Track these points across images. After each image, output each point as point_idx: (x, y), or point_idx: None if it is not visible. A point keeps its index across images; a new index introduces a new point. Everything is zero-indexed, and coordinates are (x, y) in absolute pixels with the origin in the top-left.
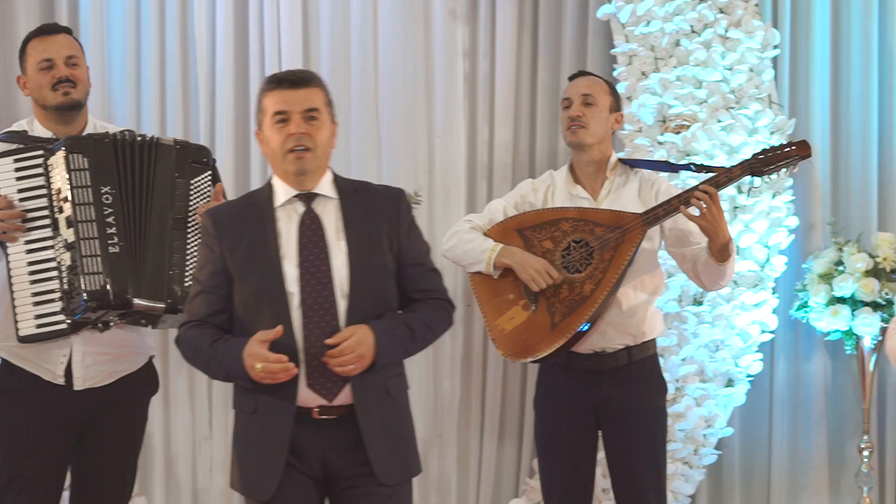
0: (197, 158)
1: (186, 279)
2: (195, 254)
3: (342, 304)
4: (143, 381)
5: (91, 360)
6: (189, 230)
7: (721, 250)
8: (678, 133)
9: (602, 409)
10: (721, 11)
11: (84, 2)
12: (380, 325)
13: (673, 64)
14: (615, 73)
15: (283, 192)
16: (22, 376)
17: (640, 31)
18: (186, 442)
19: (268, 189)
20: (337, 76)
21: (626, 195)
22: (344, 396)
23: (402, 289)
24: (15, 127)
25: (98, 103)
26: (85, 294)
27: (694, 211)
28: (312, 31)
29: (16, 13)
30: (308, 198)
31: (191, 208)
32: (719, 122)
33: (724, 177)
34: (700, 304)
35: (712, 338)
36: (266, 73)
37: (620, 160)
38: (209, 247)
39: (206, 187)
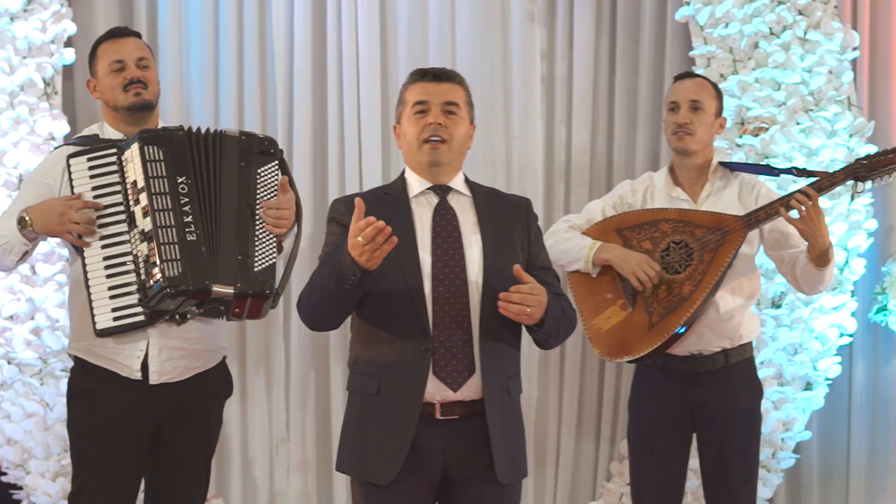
0: (263, 148)
1: (255, 265)
2: (263, 240)
3: (475, 296)
4: (218, 382)
5: (167, 355)
6: (257, 217)
7: (821, 255)
8: (756, 135)
9: (697, 411)
10: (800, 13)
11: (163, 5)
12: (546, 291)
13: (751, 66)
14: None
15: (416, 183)
16: (97, 375)
17: (718, 33)
18: (263, 444)
19: (401, 181)
20: None
21: (726, 198)
22: (466, 391)
23: None
24: (86, 131)
25: (177, 105)
26: (163, 280)
27: (794, 214)
28: (390, 33)
29: (95, 17)
30: (443, 190)
31: (258, 197)
32: (798, 124)
33: (827, 181)
34: (779, 307)
35: (791, 341)
36: (343, 74)
37: (721, 164)
38: (341, 223)
39: (272, 177)
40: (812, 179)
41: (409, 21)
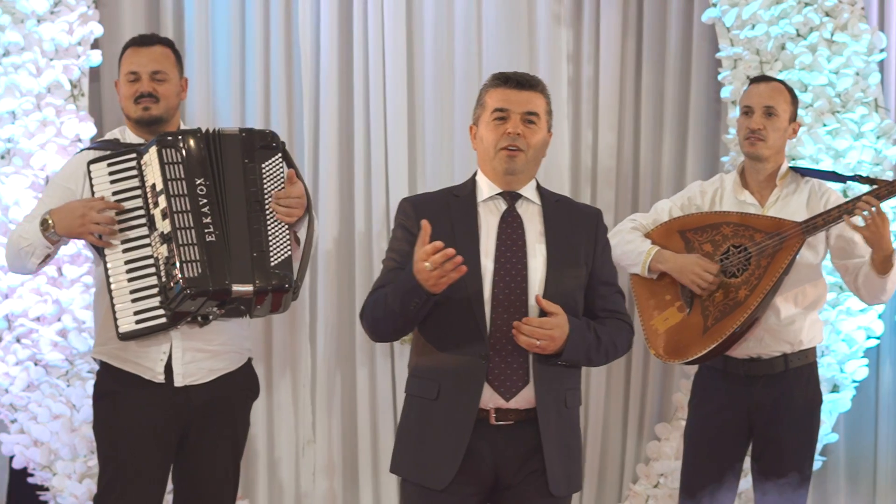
0: (265, 143)
1: (271, 260)
2: (277, 234)
3: (534, 306)
4: (244, 383)
5: (190, 357)
6: (267, 212)
7: (883, 262)
8: None
9: (754, 414)
10: (827, 15)
11: (189, 8)
12: (575, 321)
13: (778, 68)
14: (720, 77)
15: (487, 188)
16: (122, 378)
17: (745, 35)
18: (290, 445)
19: (471, 184)
20: (441, 80)
21: (794, 204)
22: (520, 400)
23: (588, 304)
24: (108, 136)
25: (203, 107)
26: (183, 281)
27: (858, 221)
28: (416, 36)
29: (121, 20)
30: (512, 197)
31: (266, 191)
32: (825, 126)
33: (885, 189)
34: None
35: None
36: (370, 77)
37: (792, 169)
38: (408, 228)
39: (278, 170)
40: (872, 187)
41: (436, 23)
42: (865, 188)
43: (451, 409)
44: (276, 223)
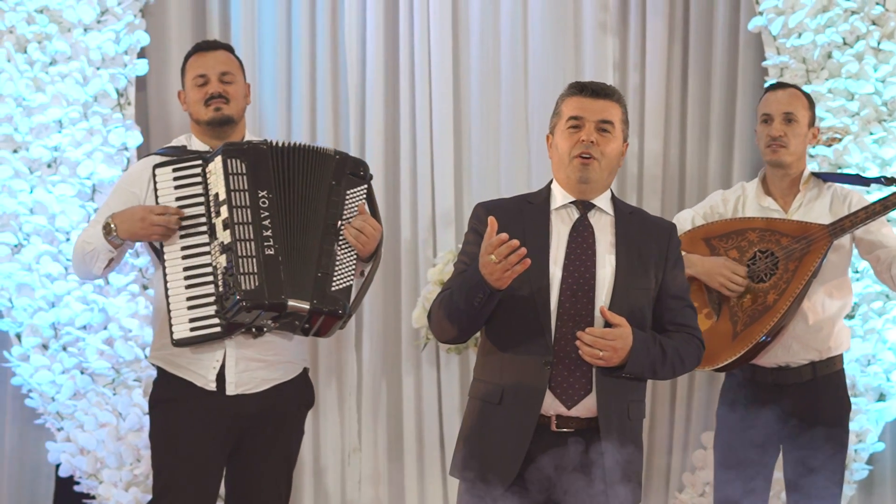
0: (355, 170)
1: (333, 285)
2: (344, 261)
3: (600, 317)
4: (298, 394)
5: (244, 366)
6: (340, 237)
7: None
8: (830, 146)
9: (783, 423)
10: (873, 23)
11: (235, 16)
12: (640, 334)
13: (825, 76)
14: (766, 86)
15: (560, 196)
16: (177, 385)
17: (791, 44)
18: (335, 454)
19: (546, 191)
20: (487, 88)
21: (818, 209)
22: (581, 409)
23: (657, 318)
24: (174, 142)
25: (250, 115)
26: (239, 294)
27: None
28: (462, 44)
29: (168, 29)
30: (585, 206)
31: (343, 217)
32: (871, 134)
33: None
34: (852, 317)
35: (864, 352)
36: (416, 85)
37: (813, 174)
38: (479, 232)
39: (360, 200)
40: None
41: (482, 31)
42: (889, 190)
43: (513, 414)
44: (346, 250)
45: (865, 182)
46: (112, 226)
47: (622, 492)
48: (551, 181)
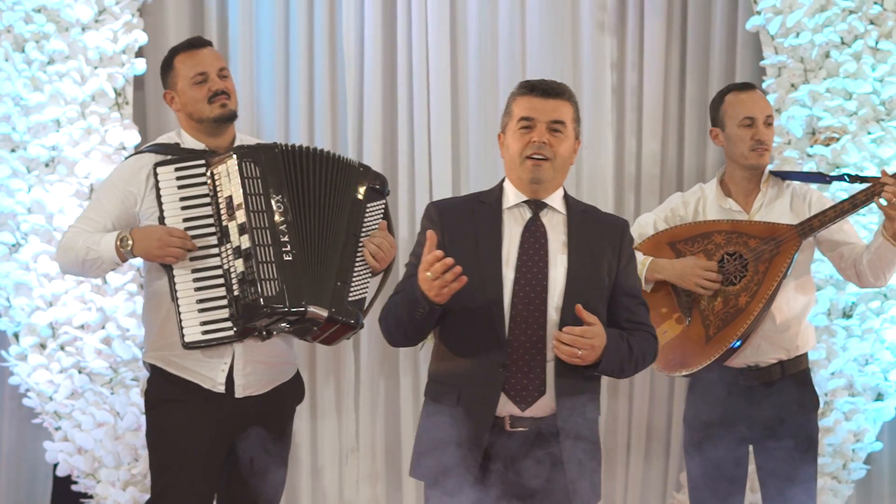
0: (375, 185)
1: (351, 294)
2: (362, 273)
3: (553, 317)
4: (292, 392)
5: (251, 369)
6: (359, 249)
7: None
8: (828, 145)
9: (754, 423)
10: (871, 23)
11: (233, 15)
12: (611, 332)
13: (822, 76)
14: (764, 85)
15: (513, 195)
16: (178, 385)
17: (789, 43)
18: (333, 454)
19: (498, 190)
20: (484, 88)
21: (779, 208)
22: (535, 410)
23: (613, 316)
24: (164, 139)
25: (247, 116)
26: (261, 299)
27: (882, 202)
28: (460, 44)
29: (166, 28)
30: (537, 206)
31: (363, 229)
32: (869, 133)
33: (879, 186)
34: (849, 317)
35: (861, 352)
36: (413, 83)
37: (772, 173)
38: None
39: (378, 214)
40: (865, 185)
41: (480, 30)
42: (851, 188)
43: (469, 416)
44: (363, 263)
45: (827, 180)
46: (130, 241)
47: (583, 487)
48: (503, 179)
